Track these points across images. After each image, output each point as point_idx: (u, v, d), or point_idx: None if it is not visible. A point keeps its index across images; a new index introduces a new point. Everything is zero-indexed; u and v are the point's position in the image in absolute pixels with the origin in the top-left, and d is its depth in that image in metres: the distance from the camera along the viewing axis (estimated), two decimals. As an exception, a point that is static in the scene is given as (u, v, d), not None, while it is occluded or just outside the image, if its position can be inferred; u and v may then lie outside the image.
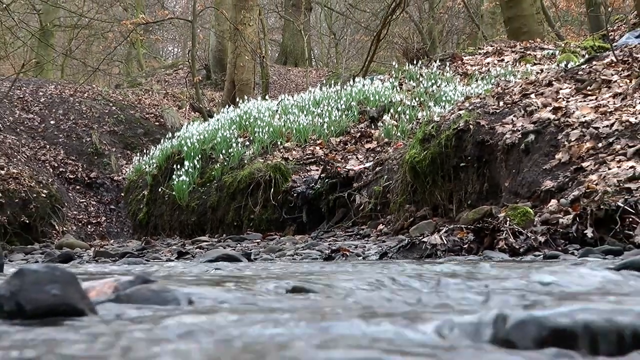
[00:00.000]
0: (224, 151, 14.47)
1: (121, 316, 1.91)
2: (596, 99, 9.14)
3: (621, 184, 6.62)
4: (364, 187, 11.61)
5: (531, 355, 1.33)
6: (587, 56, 13.07)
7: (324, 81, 19.23)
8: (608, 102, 8.89)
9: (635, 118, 8.09)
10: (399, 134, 13.12)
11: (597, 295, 2.32)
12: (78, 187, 20.00)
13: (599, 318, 1.45)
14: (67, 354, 1.32)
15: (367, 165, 12.30)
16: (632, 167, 7.05)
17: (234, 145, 14.46)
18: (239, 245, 10.04)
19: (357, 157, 13.09)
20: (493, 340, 1.50)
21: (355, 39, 34.77)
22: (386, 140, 13.29)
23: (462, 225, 6.73)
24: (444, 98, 13.81)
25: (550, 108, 9.09)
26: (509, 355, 1.33)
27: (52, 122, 21.83)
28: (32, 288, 1.80)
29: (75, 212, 18.51)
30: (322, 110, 14.84)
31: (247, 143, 14.51)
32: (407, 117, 13.60)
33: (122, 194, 19.17)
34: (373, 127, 14.11)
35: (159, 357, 1.28)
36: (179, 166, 15.02)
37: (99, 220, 18.92)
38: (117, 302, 2.19)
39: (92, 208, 19.35)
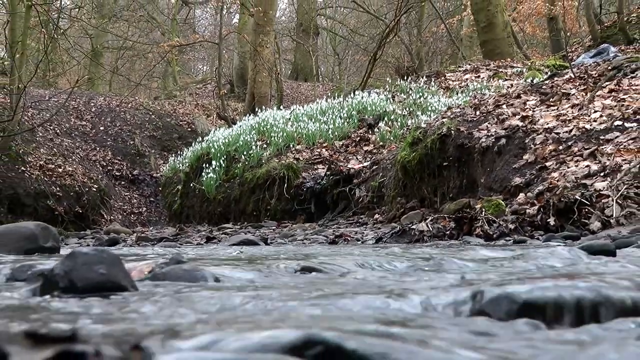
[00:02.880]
0: (245, 152, 14.48)
1: (157, 291, 1.91)
2: (557, 109, 9.12)
3: (578, 180, 6.61)
4: (363, 183, 11.60)
5: (504, 325, 1.33)
6: (549, 73, 13.03)
7: (329, 94, 19.19)
8: (567, 111, 8.87)
9: (590, 125, 8.07)
10: (392, 138, 13.10)
11: (558, 274, 2.31)
12: (123, 182, 20.04)
13: (561, 294, 1.45)
14: (111, 318, 1.32)
15: (365, 164, 12.30)
16: (587, 166, 7.04)
17: (254, 147, 14.47)
18: (257, 231, 10.03)
19: (356, 158, 13.08)
20: (472, 312, 1.49)
21: (355, 58, 34.76)
22: (381, 143, 13.28)
23: (445, 215, 6.72)
24: (429, 108, 13.78)
25: (519, 116, 9.07)
26: (486, 324, 1.32)
27: (101, 128, 21.88)
28: (82, 268, 1.80)
29: (120, 204, 18.56)
30: (327, 118, 14.83)
31: (265, 146, 14.51)
32: (399, 124, 13.58)
33: (160, 189, 19.19)
34: (370, 132, 14.10)
35: (190, 312, 1.28)
36: (207, 165, 15.04)
37: (140, 210, 18.95)
38: (154, 280, 2.19)
39: (134, 200, 19.40)
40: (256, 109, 18.68)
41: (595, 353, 1.01)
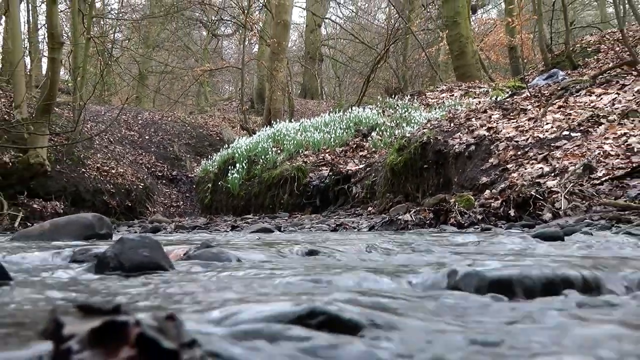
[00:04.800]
0: (263, 157, 14.48)
1: (191, 270, 1.90)
2: (516, 121, 9.11)
3: (533, 180, 6.60)
4: (358, 182, 11.59)
5: (474, 297, 1.32)
6: (510, 92, 13.00)
7: (331, 109, 19.15)
8: (524, 123, 8.86)
9: (543, 134, 8.05)
10: (382, 145, 13.08)
11: (518, 256, 2.30)
12: (164, 181, 20.04)
13: (519, 272, 1.44)
14: (150, 293, 1.31)
15: (360, 166, 12.29)
16: (540, 168, 7.03)
17: (270, 152, 14.47)
18: (273, 221, 10.01)
19: (353, 161, 13.06)
20: (448, 287, 1.48)
21: (352, 80, 34.76)
22: (374, 149, 13.27)
23: (425, 208, 6.71)
24: (413, 121, 13.76)
25: (485, 127, 9.05)
26: (459, 296, 1.32)
27: (146, 137, 21.88)
28: (129, 251, 1.79)
29: (162, 198, 18.55)
30: (330, 129, 14.82)
31: (279, 151, 14.50)
32: (388, 133, 13.56)
33: (194, 186, 19.18)
34: (364, 140, 14.08)
35: (216, 288, 1.27)
36: (232, 167, 15.05)
37: (178, 204, 18.95)
38: (188, 261, 2.18)
39: (173, 195, 19.39)
40: (272, 122, 18.70)
41: (539, 317, 1.00)
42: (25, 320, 1.02)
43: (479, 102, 13.96)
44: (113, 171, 16.07)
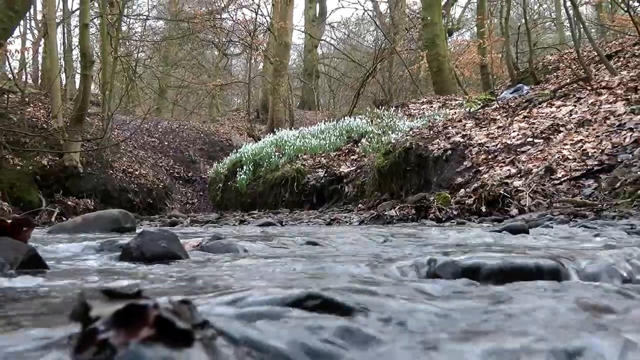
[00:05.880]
0: (266, 160, 14.48)
1: (203, 259, 1.89)
2: (487, 129, 9.12)
3: (502, 180, 6.61)
4: (350, 182, 11.60)
5: (450, 283, 1.31)
6: (482, 104, 13.01)
7: (326, 119, 19.15)
8: (494, 131, 8.87)
9: (510, 141, 8.06)
10: (371, 150, 13.08)
11: (488, 246, 2.30)
12: (181, 181, 20.01)
13: (489, 261, 1.44)
14: (168, 279, 1.30)
15: (352, 168, 12.30)
16: (508, 170, 7.04)
17: (273, 156, 14.46)
18: (275, 216, 10.01)
19: (346, 164, 13.06)
20: (427, 274, 1.48)
21: (345, 94, 34.71)
22: (363, 154, 13.27)
23: (408, 204, 6.71)
24: (397, 129, 13.77)
25: (460, 135, 9.06)
26: (437, 282, 1.31)
27: (165, 143, 21.84)
28: (149, 242, 1.78)
29: (179, 197, 18.53)
30: (325, 136, 14.83)
31: (280, 155, 14.49)
32: (376, 140, 13.56)
33: (207, 186, 19.17)
34: (355, 146, 14.08)
35: (225, 275, 1.27)
36: (240, 169, 15.05)
37: (193, 201, 18.92)
38: (201, 251, 2.17)
39: (189, 194, 19.36)
40: (275, 130, 18.68)
41: (505, 299, 1.00)
42: (58, 304, 1.02)
43: (455, 112, 13.98)
44: (137, 173, 16.04)
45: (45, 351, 0.62)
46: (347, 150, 14.02)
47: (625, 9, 12.71)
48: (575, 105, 9.05)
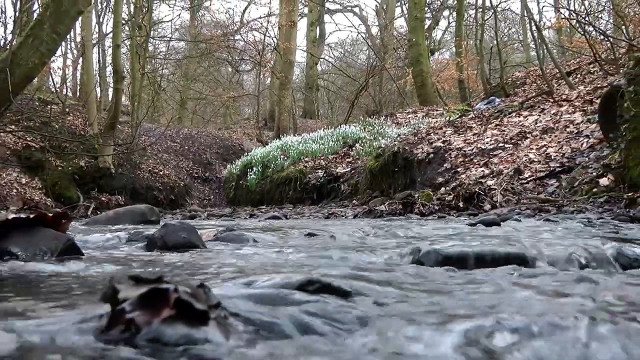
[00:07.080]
0: (273, 162, 14.45)
1: (218, 248, 1.88)
2: (464, 136, 9.11)
3: (477, 180, 6.60)
4: (346, 181, 11.59)
5: (433, 269, 1.31)
6: (459, 114, 13.00)
7: (325, 126, 19.13)
8: (470, 137, 8.86)
9: (484, 145, 8.05)
10: (364, 153, 13.05)
11: (464, 236, 2.29)
12: (199, 181, 19.96)
13: (466, 249, 1.43)
14: (187, 266, 1.30)
15: (347, 169, 12.28)
16: (482, 170, 7.03)
17: (279, 159, 14.44)
18: (281, 211, 9.96)
19: (342, 165, 13.04)
20: (413, 261, 1.47)
21: (341, 105, 34.65)
22: (357, 156, 13.24)
23: (396, 200, 6.70)
24: (386, 135, 13.74)
25: (441, 140, 9.05)
26: (421, 269, 1.31)
27: (186, 147, 21.79)
28: (171, 234, 1.78)
29: (197, 194, 18.50)
30: (324, 141, 14.80)
31: (285, 158, 14.47)
32: (368, 145, 13.54)
33: (222, 184, 19.13)
34: (350, 150, 14.05)
35: (237, 262, 1.26)
36: (250, 170, 15.02)
37: (209, 197, 18.88)
38: (216, 241, 2.16)
39: (206, 191, 19.32)
40: (280, 136, 18.65)
41: (480, 282, 1.00)
42: (91, 286, 1.01)
43: (436, 121, 13.92)
44: (161, 173, 16.03)
45: (80, 327, 0.62)
46: (343, 154, 14.00)
47: (582, 32, 12.74)
48: (540, 115, 9.04)
